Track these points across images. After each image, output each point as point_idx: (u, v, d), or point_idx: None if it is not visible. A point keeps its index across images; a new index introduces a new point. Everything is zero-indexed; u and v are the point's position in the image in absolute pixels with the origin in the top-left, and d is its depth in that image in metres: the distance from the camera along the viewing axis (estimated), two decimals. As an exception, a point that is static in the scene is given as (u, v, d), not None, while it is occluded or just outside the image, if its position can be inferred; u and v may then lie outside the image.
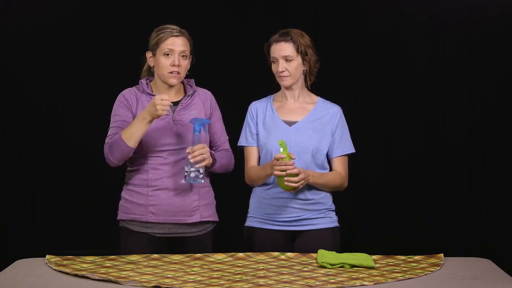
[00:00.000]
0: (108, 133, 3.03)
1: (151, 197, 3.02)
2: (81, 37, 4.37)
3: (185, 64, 3.03)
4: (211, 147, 3.13)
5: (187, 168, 2.93)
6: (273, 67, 3.12)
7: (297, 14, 4.38)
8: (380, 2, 4.40)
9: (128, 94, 3.07)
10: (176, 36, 3.01)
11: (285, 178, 2.92)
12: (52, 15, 4.38)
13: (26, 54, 4.37)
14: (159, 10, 4.33)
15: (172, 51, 2.99)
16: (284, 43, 3.08)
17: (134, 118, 2.99)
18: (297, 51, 3.08)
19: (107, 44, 4.36)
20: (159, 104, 2.86)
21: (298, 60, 3.10)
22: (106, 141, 3.02)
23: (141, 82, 3.09)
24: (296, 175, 2.92)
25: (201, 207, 3.07)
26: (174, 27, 3.04)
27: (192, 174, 2.92)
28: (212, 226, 3.15)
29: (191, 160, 2.89)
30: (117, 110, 3.06)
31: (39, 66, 4.39)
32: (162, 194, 3.01)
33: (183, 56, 3.01)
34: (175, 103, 3.06)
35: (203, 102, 3.12)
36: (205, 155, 2.92)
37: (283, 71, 3.09)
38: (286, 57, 3.08)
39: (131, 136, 2.91)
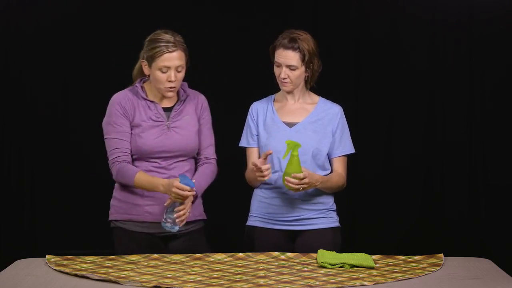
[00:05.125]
0: (112, 146, 2.99)
1: (147, 198, 3.02)
2: (81, 37, 4.37)
3: (181, 76, 2.99)
4: None
5: (165, 215, 2.91)
6: (276, 70, 3.11)
7: (297, 14, 4.38)
8: (380, 2, 4.39)
9: (123, 100, 3.03)
10: (171, 52, 2.93)
11: (286, 178, 2.92)
12: (52, 15, 4.37)
13: (26, 54, 4.37)
14: (159, 10, 4.33)
15: (168, 68, 2.95)
16: (291, 52, 3.05)
17: (132, 126, 3.00)
18: (302, 60, 3.07)
19: (107, 44, 4.35)
20: (175, 193, 2.85)
21: (301, 69, 3.09)
22: (114, 157, 2.99)
23: (136, 86, 3.05)
24: (299, 178, 2.92)
25: (192, 206, 3.07)
26: (168, 37, 2.96)
27: (169, 225, 2.91)
28: (203, 224, 3.15)
29: (177, 221, 2.90)
30: (115, 119, 3.01)
31: (39, 66, 4.38)
32: (159, 194, 3.01)
33: (178, 70, 2.97)
34: (169, 109, 3.06)
35: (195, 106, 3.10)
36: (188, 212, 2.94)
37: (285, 78, 3.08)
38: (290, 67, 3.07)
39: (141, 186, 2.96)
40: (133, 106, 3.02)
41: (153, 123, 3.01)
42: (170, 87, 2.98)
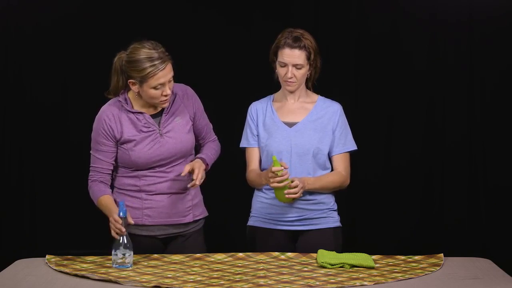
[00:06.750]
0: (91, 163, 3.04)
1: (146, 201, 3.02)
2: (81, 37, 4.37)
3: (172, 84, 2.95)
4: (198, 139, 3.13)
5: (114, 252, 2.77)
6: (280, 70, 3.10)
7: (297, 14, 4.38)
8: (380, 1, 4.39)
9: (107, 118, 2.98)
10: (163, 69, 2.87)
11: (285, 192, 2.92)
12: (52, 15, 4.37)
13: (26, 53, 4.37)
14: (159, 11, 4.32)
15: (163, 84, 2.89)
16: (297, 51, 3.05)
17: (122, 142, 2.98)
18: (308, 58, 3.07)
19: (108, 44, 4.33)
20: (112, 229, 2.81)
21: (306, 67, 3.09)
22: (90, 174, 3.05)
23: (120, 100, 3.00)
24: (295, 186, 2.93)
25: (193, 207, 3.08)
26: (154, 53, 2.87)
27: (119, 260, 2.76)
28: (203, 222, 3.16)
29: (197, 183, 2.91)
30: (96, 136, 3.00)
31: (39, 65, 4.38)
32: (158, 197, 3.01)
33: (170, 81, 2.92)
34: (158, 114, 3.02)
35: (184, 103, 3.06)
36: (203, 176, 2.96)
37: (291, 77, 3.08)
38: (297, 65, 3.07)
39: (101, 209, 2.97)
40: (119, 123, 2.98)
41: (145, 135, 2.98)
42: (165, 100, 2.95)
